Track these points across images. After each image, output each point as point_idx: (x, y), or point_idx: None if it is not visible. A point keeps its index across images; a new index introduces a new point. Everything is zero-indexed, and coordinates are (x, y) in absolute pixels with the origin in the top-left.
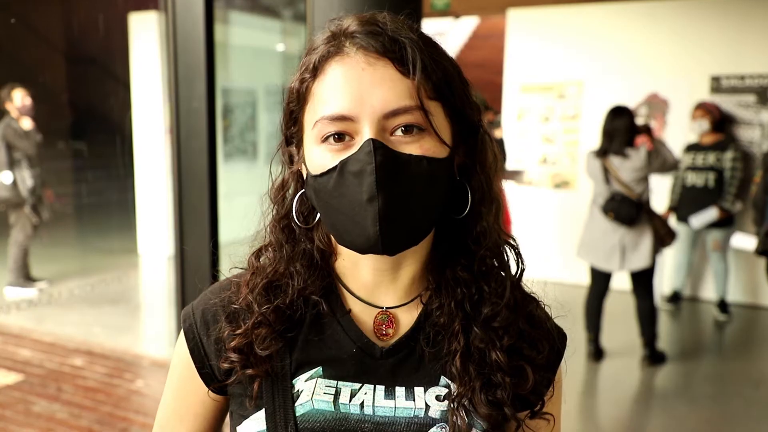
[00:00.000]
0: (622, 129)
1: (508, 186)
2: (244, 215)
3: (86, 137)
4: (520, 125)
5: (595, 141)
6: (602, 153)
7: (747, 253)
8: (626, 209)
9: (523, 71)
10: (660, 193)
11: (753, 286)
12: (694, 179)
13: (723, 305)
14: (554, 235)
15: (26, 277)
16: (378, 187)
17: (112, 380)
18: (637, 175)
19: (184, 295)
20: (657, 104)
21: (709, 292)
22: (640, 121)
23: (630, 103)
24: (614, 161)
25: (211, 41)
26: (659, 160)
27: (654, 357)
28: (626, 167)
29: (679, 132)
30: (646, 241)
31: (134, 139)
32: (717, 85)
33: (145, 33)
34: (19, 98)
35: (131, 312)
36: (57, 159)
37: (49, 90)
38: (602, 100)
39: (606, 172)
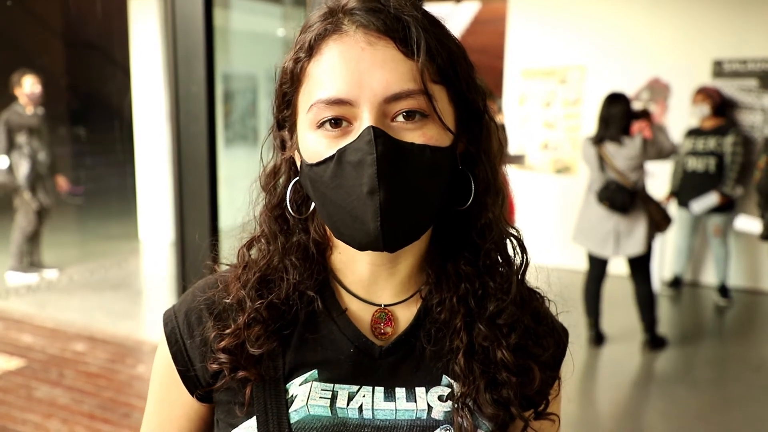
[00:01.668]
0: (617, 116)
1: (509, 171)
2: (232, 202)
3: (86, 122)
4: (521, 110)
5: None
6: (598, 140)
7: (748, 238)
8: (621, 198)
9: (525, 56)
10: (661, 178)
11: (754, 270)
12: (694, 164)
13: (723, 290)
14: (555, 221)
15: (33, 263)
16: (379, 179)
17: (114, 365)
18: (632, 163)
19: (184, 280)
20: (659, 89)
21: (709, 276)
22: (639, 106)
23: (631, 88)
24: (609, 148)
25: (211, 24)
26: (655, 148)
27: (654, 342)
28: (621, 155)
29: (681, 117)
30: (641, 227)
31: (134, 124)
32: (719, 69)
33: (144, 17)
34: (29, 85)
35: (132, 297)
36: (56, 144)
37: (48, 75)
38: (604, 85)
39: (601, 159)
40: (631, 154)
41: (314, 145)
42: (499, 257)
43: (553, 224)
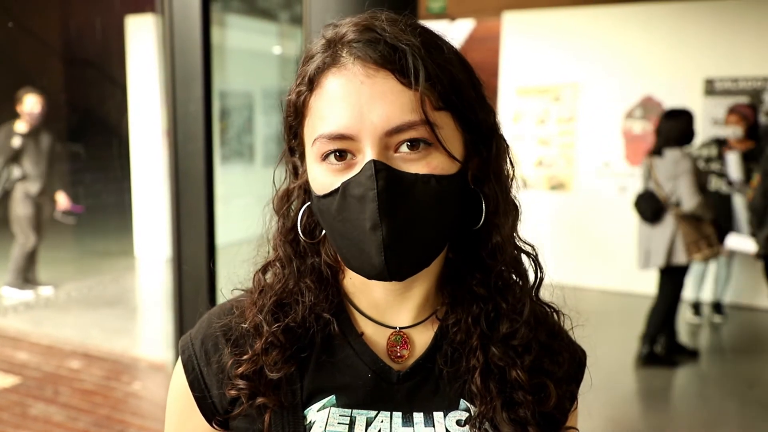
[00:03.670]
0: (665, 130)
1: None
2: (243, 218)
3: (83, 140)
4: (515, 128)
5: (590, 143)
6: (652, 152)
7: (743, 254)
8: (645, 204)
9: (519, 74)
10: None
11: (748, 287)
12: (718, 184)
13: (718, 307)
14: (549, 237)
15: (29, 280)
16: (381, 214)
17: (109, 383)
18: (668, 174)
19: (181, 297)
20: (651, 106)
21: (705, 293)
22: (633, 124)
23: (624, 106)
24: (656, 160)
25: (208, 44)
26: (688, 173)
27: (648, 357)
28: (662, 165)
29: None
30: (665, 241)
31: (131, 141)
32: (711, 87)
33: (142, 36)
34: (30, 104)
35: (128, 314)
36: (54, 161)
37: (47, 92)
38: (597, 103)
39: (650, 170)
40: (667, 164)
41: (320, 177)
42: (512, 276)
43: (547, 241)
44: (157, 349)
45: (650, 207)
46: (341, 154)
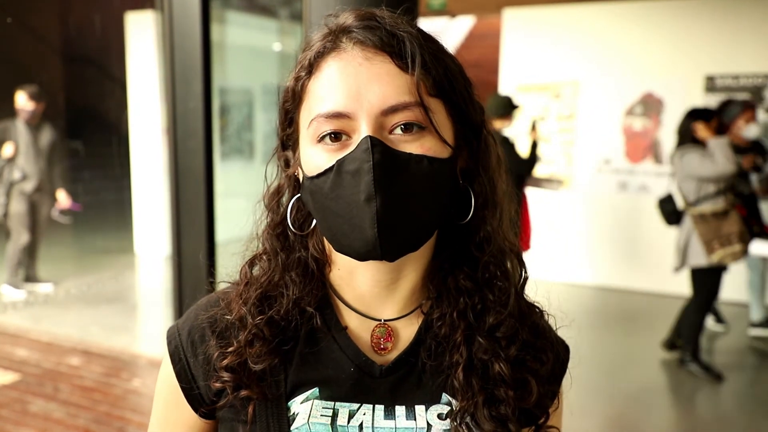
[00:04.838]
0: (678, 129)
1: (534, 193)
2: (242, 215)
3: (83, 137)
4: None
5: (591, 140)
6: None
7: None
8: (663, 206)
9: (519, 71)
10: None
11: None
12: (741, 186)
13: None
14: (548, 235)
15: (29, 277)
16: (376, 186)
17: (109, 380)
18: (678, 174)
19: (180, 294)
20: (652, 104)
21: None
22: (635, 121)
23: (625, 103)
24: (674, 160)
25: (208, 41)
26: (693, 159)
27: (681, 361)
28: (676, 167)
29: (674, 131)
30: (681, 242)
31: (131, 138)
32: (711, 84)
33: (141, 32)
34: (21, 100)
35: (128, 311)
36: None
37: (46, 89)
38: (597, 100)
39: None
40: (675, 164)
41: (315, 158)
42: (497, 271)
43: (547, 238)
44: (157, 346)
45: (667, 208)
46: (336, 136)
